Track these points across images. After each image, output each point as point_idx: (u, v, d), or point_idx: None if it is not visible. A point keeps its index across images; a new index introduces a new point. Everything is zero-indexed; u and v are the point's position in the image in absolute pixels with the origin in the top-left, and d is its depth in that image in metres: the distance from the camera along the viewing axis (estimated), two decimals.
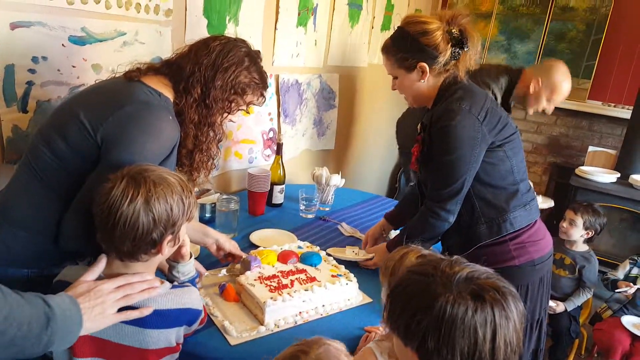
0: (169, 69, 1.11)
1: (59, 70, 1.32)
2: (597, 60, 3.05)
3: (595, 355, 2.27)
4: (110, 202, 0.84)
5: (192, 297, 0.95)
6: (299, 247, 1.45)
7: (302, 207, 1.86)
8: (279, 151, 1.93)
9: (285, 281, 1.23)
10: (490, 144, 1.28)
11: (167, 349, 0.92)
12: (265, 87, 1.22)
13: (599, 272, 2.26)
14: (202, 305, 0.99)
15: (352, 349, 1.11)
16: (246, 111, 1.23)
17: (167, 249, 0.91)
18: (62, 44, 1.31)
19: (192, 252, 1.08)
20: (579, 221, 2.16)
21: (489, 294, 0.66)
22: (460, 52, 1.26)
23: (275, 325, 1.13)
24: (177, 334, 0.93)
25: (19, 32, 1.21)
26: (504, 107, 1.87)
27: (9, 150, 1.27)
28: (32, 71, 1.26)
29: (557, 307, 2.13)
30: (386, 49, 1.34)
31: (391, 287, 0.73)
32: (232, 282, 1.26)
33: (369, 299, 1.29)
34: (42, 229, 0.99)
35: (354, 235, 1.73)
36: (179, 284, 1.02)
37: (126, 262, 0.90)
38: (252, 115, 2.02)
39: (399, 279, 0.74)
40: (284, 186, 1.93)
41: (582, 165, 3.04)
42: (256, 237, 1.60)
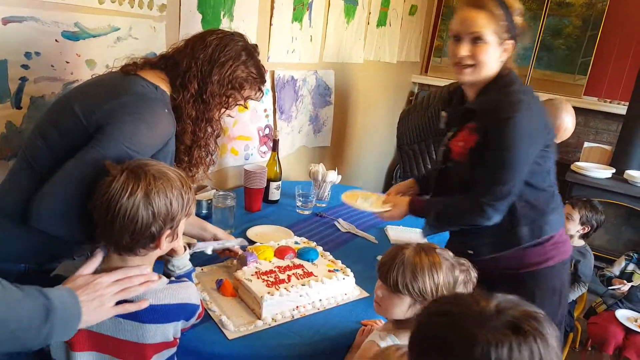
0: (165, 64, 1.11)
1: (52, 66, 1.31)
2: (593, 56, 3.06)
3: (589, 349, 2.28)
4: (109, 195, 0.84)
5: (189, 292, 0.95)
6: (296, 242, 1.45)
7: (299, 204, 1.86)
8: (275, 148, 1.93)
9: (282, 276, 1.23)
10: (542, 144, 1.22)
11: (165, 343, 0.92)
12: (263, 82, 1.21)
13: (594, 267, 2.27)
14: (200, 299, 0.99)
15: (349, 342, 1.11)
16: (244, 106, 1.23)
17: (165, 244, 0.91)
18: (56, 40, 1.30)
19: (190, 244, 1.08)
20: (576, 216, 2.17)
21: (527, 323, 0.58)
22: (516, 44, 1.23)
23: (272, 319, 1.13)
24: (175, 329, 0.93)
25: (11, 27, 1.20)
26: None
27: (2, 146, 1.26)
28: (25, 67, 1.25)
29: None
30: (492, 7, 1.19)
31: (412, 334, 0.64)
32: (230, 277, 1.26)
33: (366, 294, 1.29)
34: None
35: (350, 231, 1.73)
36: (175, 278, 1.02)
37: (124, 257, 0.90)
38: (247, 111, 2.01)
39: (419, 324, 0.65)
40: (280, 183, 1.93)
41: (578, 161, 3.06)
42: (253, 233, 1.60)
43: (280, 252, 1.34)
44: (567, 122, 2.06)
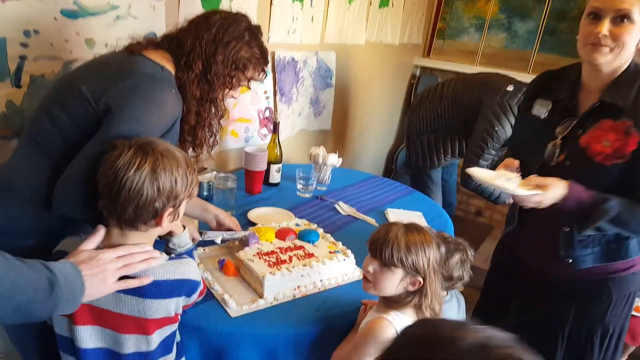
0: (169, 44, 1.11)
1: (51, 44, 1.30)
2: None
3: None
4: (116, 168, 0.85)
5: (190, 268, 0.96)
6: (297, 224, 1.46)
7: (299, 187, 1.86)
8: (275, 130, 1.92)
9: (283, 257, 1.24)
10: None
11: (166, 319, 0.93)
12: (266, 63, 1.22)
13: None
14: (200, 277, 1.01)
15: (350, 321, 1.13)
16: (247, 86, 1.23)
17: (166, 222, 0.92)
18: (55, 18, 1.28)
19: (192, 226, 1.09)
20: None
21: None
22: None
23: (274, 298, 1.15)
24: (176, 304, 0.94)
25: (10, 4, 1.18)
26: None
27: (3, 125, 1.25)
28: (24, 45, 1.24)
29: None
30: None
31: (382, 354, 0.59)
32: (232, 257, 1.27)
33: None
34: (45, 200, 0.99)
35: (351, 214, 1.74)
36: (176, 256, 1.04)
37: (125, 232, 0.91)
38: (247, 93, 2.00)
39: (392, 344, 0.59)
40: (280, 165, 1.93)
41: None
42: (254, 214, 1.61)
43: (281, 234, 1.35)
44: None
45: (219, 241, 1.29)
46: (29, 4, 1.21)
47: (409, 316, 0.98)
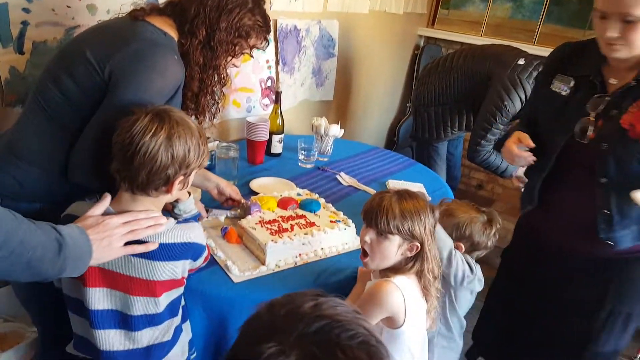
0: (172, 10, 1.11)
1: (53, 10, 1.28)
2: None
3: None
4: (133, 132, 0.88)
5: (196, 232, 1.00)
6: (298, 194, 1.48)
7: (301, 157, 1.87)
8: (277, 100, 1.92)
9: (285, 225, 1.27)
10: None
11: (173, 281, 0.97)
12: (268, 31, 1.21)
13: None
14: (205, 241, 1.04)
15: (347, 287, 1.17)
16: (250, 55, 1.23)
17: (176, 190, 0.95)
18: None
19: (195, 195, 1.11)
20: None
21: None
22: None
23: (276, 265, 1.19)
24: (183, 267, 0.98)
25: None
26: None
27: (7, 92, 1.26)
28: (26, 10, 1.23)
29: None
30: None
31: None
32: (234, 225, 1.30)
33: None
34: (52, 164, 1.02)
35: (352, 185, 1.76)
36: (182, 220, 1.06)
37: (136, 197, 0.94)
38: (249, 62, 1.98)
39: (257, 310, 0.54)
40: (282, 136, 1.93)
41: None
42: (256, 184, 1.63)
43: (283, 203, 1.38)
44: None
45: (222, 219, 1.35)
46: None
47: (413, 281, 1.00)
